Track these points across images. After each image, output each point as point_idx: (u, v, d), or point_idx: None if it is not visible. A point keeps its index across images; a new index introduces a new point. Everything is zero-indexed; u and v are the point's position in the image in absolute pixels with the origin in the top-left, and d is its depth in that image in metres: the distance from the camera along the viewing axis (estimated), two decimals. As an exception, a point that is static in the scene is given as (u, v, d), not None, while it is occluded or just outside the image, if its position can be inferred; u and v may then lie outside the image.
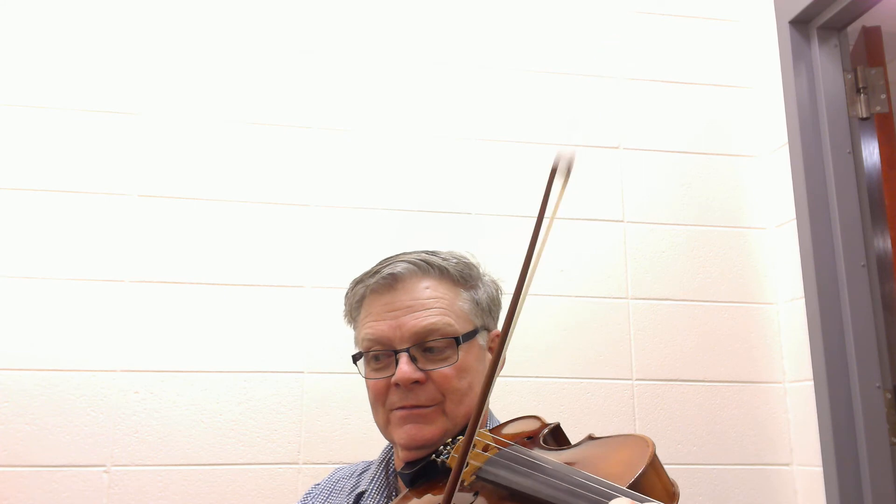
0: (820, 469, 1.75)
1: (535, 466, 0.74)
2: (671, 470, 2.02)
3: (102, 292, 1.74)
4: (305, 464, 1.73)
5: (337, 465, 1.46)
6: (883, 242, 1.82)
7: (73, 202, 1.78)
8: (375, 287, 1.08)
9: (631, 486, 0.65)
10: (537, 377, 1.83)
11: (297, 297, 1.81)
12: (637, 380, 1.88)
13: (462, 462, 0.72)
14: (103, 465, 1.67)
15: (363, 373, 1.09)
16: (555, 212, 0.77)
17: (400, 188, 1.90)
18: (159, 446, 1.69)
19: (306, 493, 1.23)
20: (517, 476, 0.75)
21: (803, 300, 1.83)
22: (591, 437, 0.83)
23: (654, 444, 0.70)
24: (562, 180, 0.78)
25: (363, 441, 1.74)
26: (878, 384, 1.73)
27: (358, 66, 1.97)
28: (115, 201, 1.80)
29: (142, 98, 1.86)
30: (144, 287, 1.76)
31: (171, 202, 1.81)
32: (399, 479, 1.06)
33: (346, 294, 1.15)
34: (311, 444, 1.74)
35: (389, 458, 1.15)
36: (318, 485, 1.23)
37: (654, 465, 0.68)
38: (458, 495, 0.82)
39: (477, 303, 1.11)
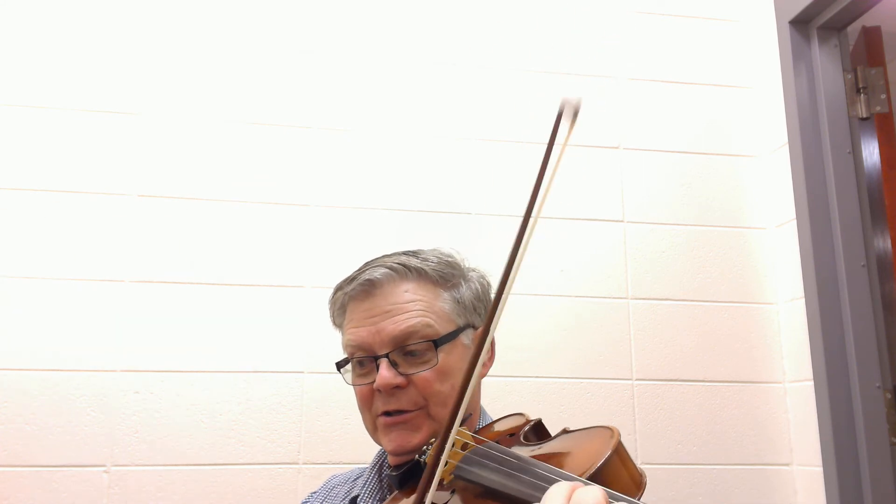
0: (820, 469, 1.75)
1: (504, 462, 0.75)
2: (671, 470, 2.03)
3: (102, 292, 1.74)
4: (305, 464, 1.73)
5: (336, 466, 1.46)
6: (883, 242, 1.82)
7: (73, 202, 1.78)
8: (354, 294, 1.08)
9: (594, 474, 0.67)
10: (537, 377, 1.83)
11: (297, 297, 1.81)
12: (637, 380, 1.88)
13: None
14: (103, 465, 1.67)
15: (348, 379, 1.09)
16: (559, 160, 0.77)
17: (400, 188, 1.90)
18: (159, 446, 1.69)
19: (303, 502, 1.23)
20: (488, 472, 0.76)
21: (803, 300, 1.83)
22: (565, 431, 0.85)
23: (618, 434, 0.71)
24: (568, 124, 0.78)
25: (363, 441, 1.72)
26: (878, 384, 1.73)
27: (358, 66, 1.97)
28: (115, 201, 1.80)
29: (142, 98, 1.86)
30: (144, 287, 1.76)
31: (171, 202, 1.81)
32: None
33: (329, 300, 1.14)
34: (311, 444, 1.74)
35: (382, 462, 1.15)
36: (314, 493, 1.23)
37: (619, 453, 0.69)
38: (436, 494, 0.83)
39: (459, 301, 1.09)
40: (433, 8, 2.03)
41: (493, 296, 0.91)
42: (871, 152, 1.86)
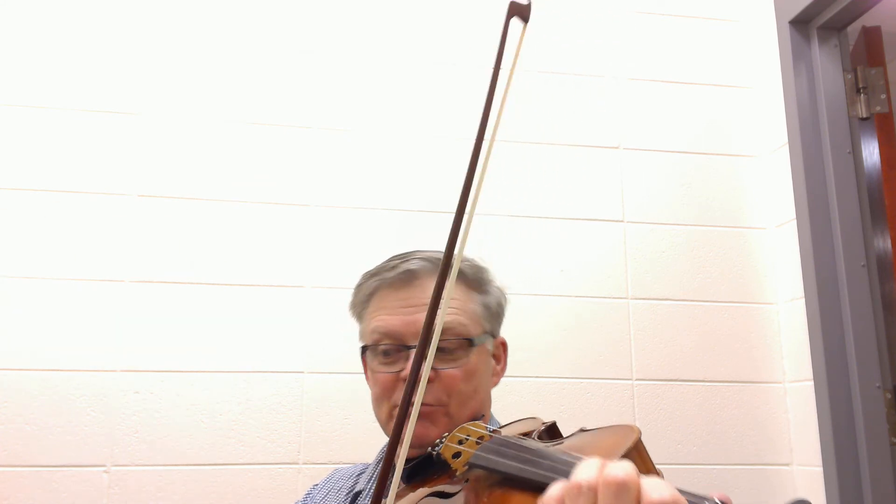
0: (820, 469, 1.75)
1: (521, 449, 0.75)
2: (671, 470, 2.02)
3: (102, 292, 1.74)
4: (305, 464, 1.73)
5: (337, 466, 1.46)
6: (883, 242, 1.82)
7: (73, 202, 1.78)
8: (392, 281, 1.07)
9: None
10: (537, 377, 1.83)
11: (297, 297, 1.81)
12: (637, 380, 1.88)
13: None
14: (103, 465, 1.67)
15: (370, 365, 1.08)
16: (514, 63, 0.76)
17: (400, 188, 1.90)
18: (159, 446, 1.69)
19: (306, 494, 1.23)
20: (505, 459, 0.76)
21: (803, 300, 1.83)
22: (582, 430, 0.84)
23: (639, 431, 0.70)
24: (521, 25, 0.77)
25: (363, 441, 1.74)
26: (878, 384, 1.73)
27: (358, 66, 1.97)
28: (115, 201, 1.80)
29: (142, 98, 1.86)
30: (144, 287, 1.76)
31: (171, 202, 1.81)
32: None
33: (358, 285, 1.13)
34: (311, 444, 1.74)
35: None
36: (317, 485, 1.23)
37: (639, 449, 0.68)
38: (449, 485, 0.83)
39: (487, 307, 1.10)
40: (433, 8, 2.03)
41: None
42: (871, 152, 1.86)
